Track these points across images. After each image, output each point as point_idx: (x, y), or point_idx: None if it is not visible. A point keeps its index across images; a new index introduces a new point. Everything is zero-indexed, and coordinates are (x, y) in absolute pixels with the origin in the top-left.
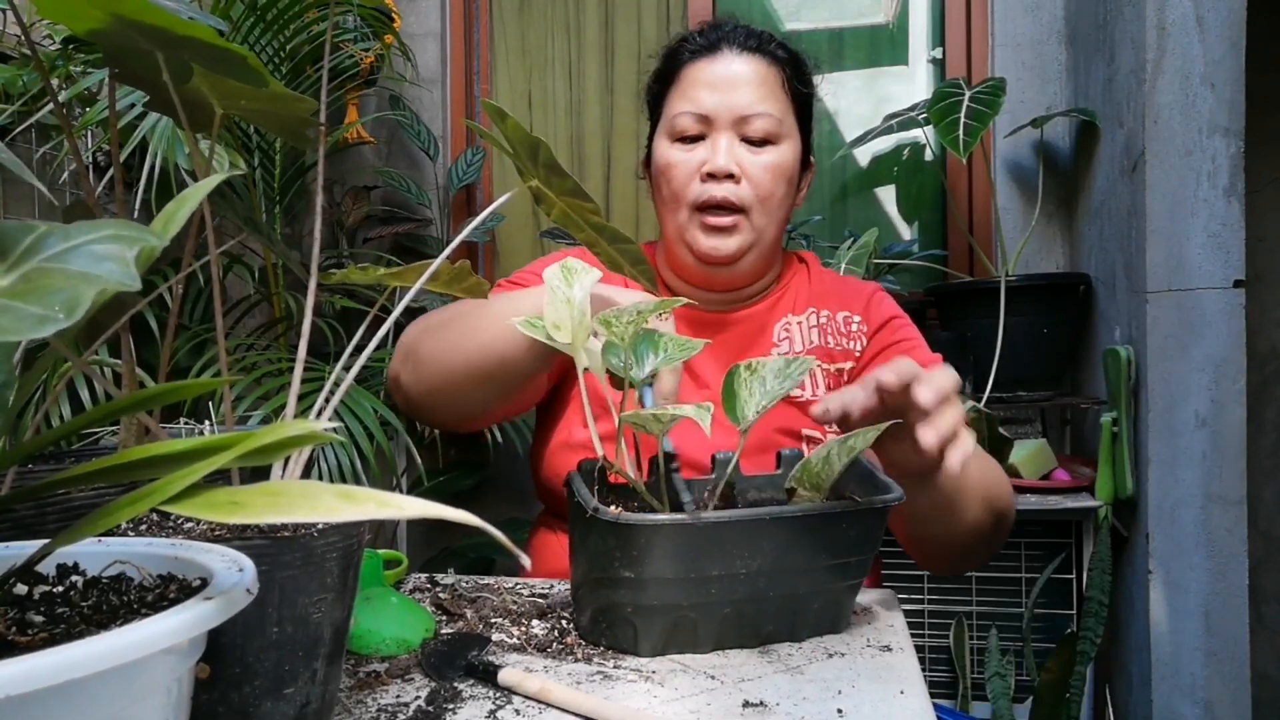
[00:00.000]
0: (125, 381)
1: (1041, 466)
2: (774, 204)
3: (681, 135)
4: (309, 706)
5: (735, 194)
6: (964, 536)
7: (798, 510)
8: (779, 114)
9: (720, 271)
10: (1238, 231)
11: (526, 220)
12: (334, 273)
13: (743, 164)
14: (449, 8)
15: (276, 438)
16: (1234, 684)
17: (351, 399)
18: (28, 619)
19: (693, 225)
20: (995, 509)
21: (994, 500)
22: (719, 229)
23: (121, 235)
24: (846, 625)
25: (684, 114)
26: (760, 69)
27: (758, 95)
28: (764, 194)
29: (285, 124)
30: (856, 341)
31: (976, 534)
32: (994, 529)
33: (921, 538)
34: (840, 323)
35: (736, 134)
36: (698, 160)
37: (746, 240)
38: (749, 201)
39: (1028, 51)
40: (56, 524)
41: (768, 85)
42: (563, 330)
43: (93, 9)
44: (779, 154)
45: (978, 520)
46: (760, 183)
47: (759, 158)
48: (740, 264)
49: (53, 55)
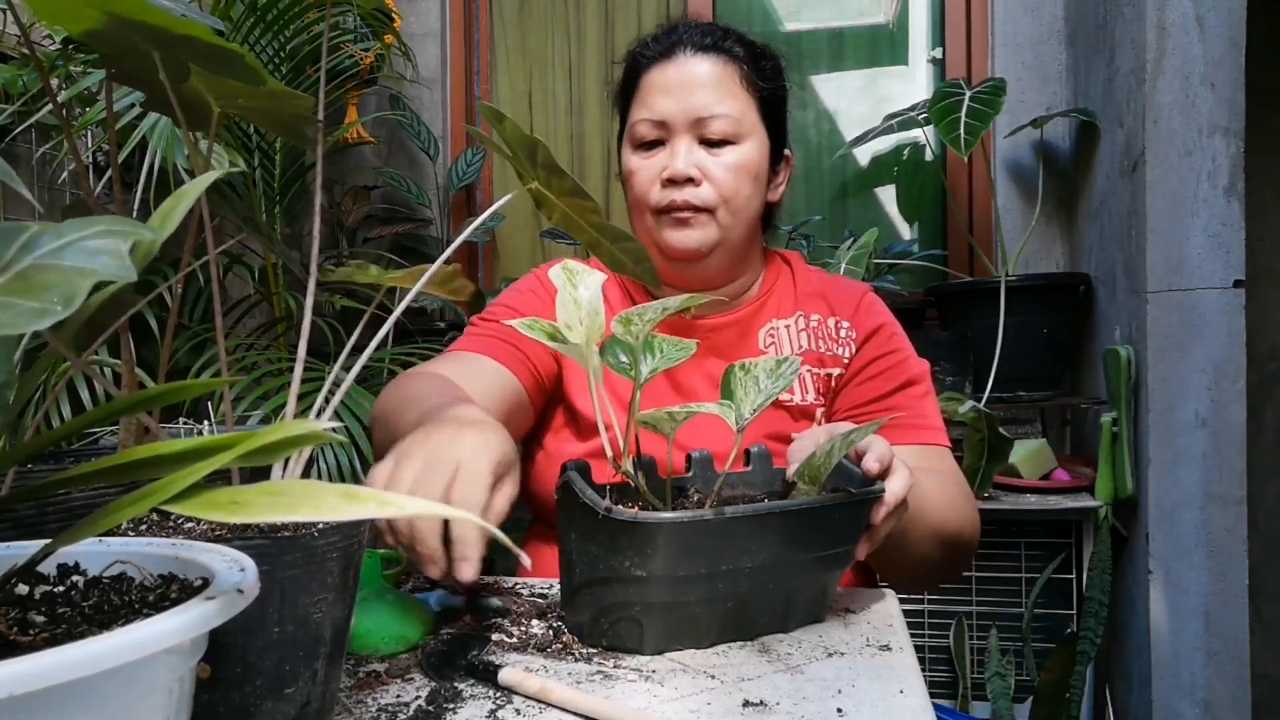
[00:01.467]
0: (125, 381)
1: (1041, 466)
2: (739, 203)
3: (641, 142)
4: (309, 706)
5: (697, 196)
6: (912, 571)
7: (804, 504)
8: (737, 113)
9: (689, 269)
10: (1238, 231)
11: (527, 221)
12: (331, 269)
13: (703, 166)
14: (449, 8)
15: (277, 438)
16: (1234, 684)
17: (351, 399)
18: (29, 619)
19: (659, 226)
20: (944, 539)
21: (943, 531)
22: (682, 221)
23: (115, 230)
24: (826, 615)
25: (642, 121)
26: (716, 69)
27: (714, 96)
28: (727, 194)
29: (284, 122)
30: (846, 348)
31: (925, 566)
32: (945, 561)
33: (875, 563)
34: (831, 328)
35: (695, 136)
36: (658, 166)
37: (712, 236)
38: (712, 202)
39: (1028, 51)
40: (57, 524)
41: (724, 85)
42: (574, 330)
43: (88, 9)
44: (740, 153)
45: (926, 555)
46: (722, 183)
47: (720, 158)
48: (709, 260)
49: (52, 55)
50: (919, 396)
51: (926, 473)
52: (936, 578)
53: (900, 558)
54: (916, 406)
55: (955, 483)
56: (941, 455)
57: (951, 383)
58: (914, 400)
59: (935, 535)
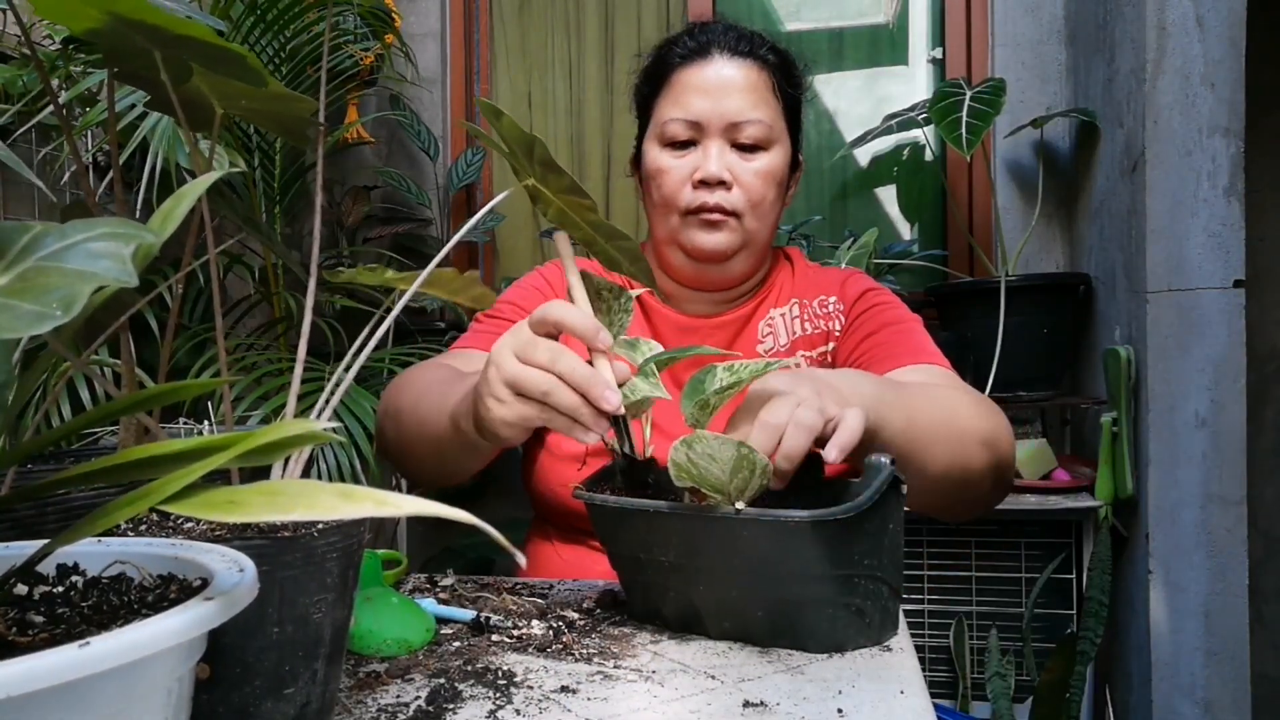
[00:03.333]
0: (125, 381)
1: (1041, 466)
2: (765, 208)
3: (672, 141)
4: (309, 706)
5: (727, 200)
6: (939, 483)
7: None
8: (769, 119)
9: (712, 269)
10: (1238, 231)
11: (526, 220)
12: (341, 270)
13: (734, 170)
14: (449, 8)
15: (276, 437)
16: (1234, 684)
17: (351, 399)
18: (28, 619)
19: (686, 227)
20: (974, 440)
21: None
22: (712, 224)
23: (118, 233)
24: (812, 646)
25: (675, 120)
26: (751, 75)
27: (749, 102)
28: (755, 199)
29: (285, 124)
30: (834, 321)
31: (955, 474)
32: (988, 471)
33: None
34: (815, 306)
35: (727, 140)
36: (689, 166)
37: (737, 240)
38: (741, 207)
39: (1028, 51)
40: (56, 524)
41: (759, 91)
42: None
43: (90, 8)
44: (769, 160)
45: (949, 460)
46: (751, 188)
47: (750, 164)
48: (732, 262)
49: (53, 55)
50: (908, 331)
51: (922, 384)
52: (981, 490)
53: (938, 476)
54: (906, 339)
55: (964, 391)
56: (940, 373)
57: None
58: (902, 335)
59: (951, 437)
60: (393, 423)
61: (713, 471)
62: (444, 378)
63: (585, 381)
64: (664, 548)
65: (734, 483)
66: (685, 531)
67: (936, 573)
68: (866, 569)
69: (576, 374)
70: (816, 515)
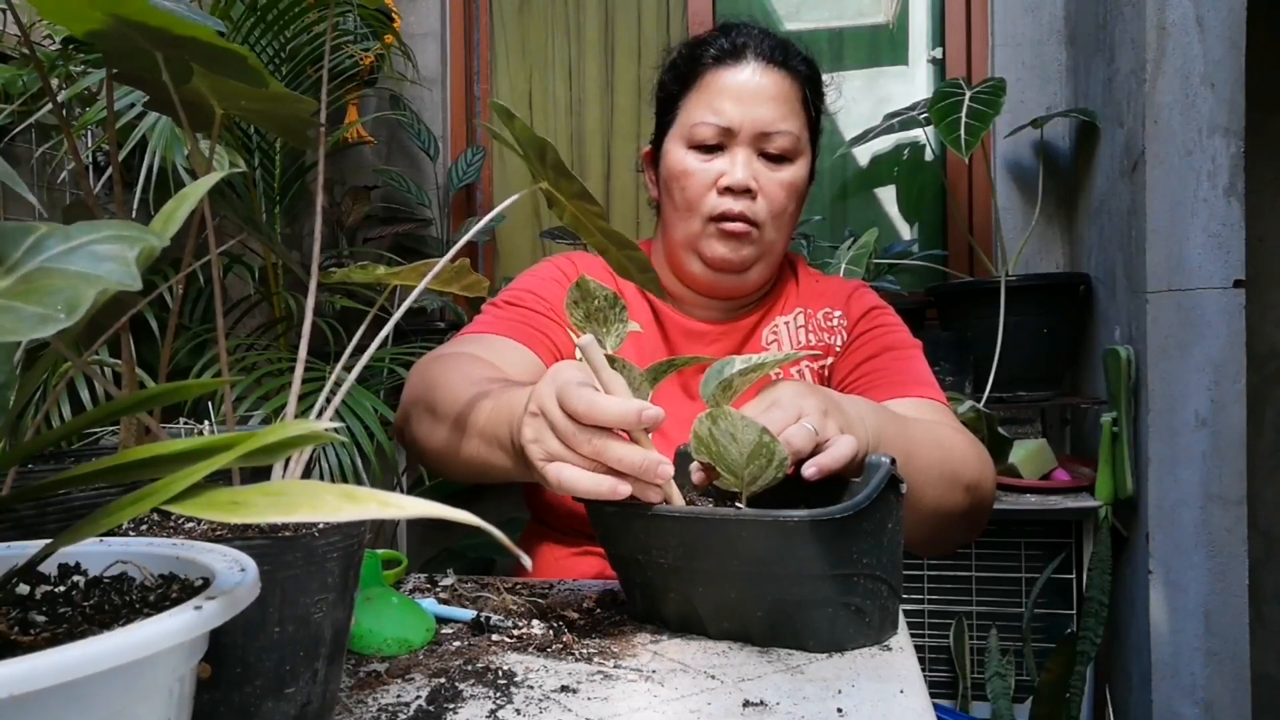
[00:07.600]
0: (125, 381)
1: (1041, 466)
2: (785, 220)
3: (701, 144)
4: (309, 706)
5: (750, 209)
6: (924, 522)
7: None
8: (797, 131)
9: (728, 279)
10: (1238, 231)
11: (527, 220)
12: (334, 271)
13: (760, 180)
14: (449, 8)
15: (278, 438)
16: (1234, 684)
17: (352, 399)
18: (30, 619)
19: (707, 234)
20: (955, 484)
21: (951, 475)
22: (734, 235)
23: (122, 235)
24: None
25: (705, 124)
26: (784, 85)
27: (780, 113)
28: (777, 210)
29: (285, 124)
30: (837, 336)
31: (944, 518)
32: (965, 513)
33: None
34: (820, 318)
35: (755, 149)
36: (716, 171)
37: (757, 251)
38: (763, 217)
39: (1028, 51)
40: (57, 524)
41: (790, 102)
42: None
43: (92, 10)
44: (794, 171)
45: (937, 504)
46: (775, 199)
47: (776, 174)
48: (749, 273)
49: (52, 55)
50: (909, 358)
51: (922, 421)
52: (958, 531)
53: (924, 516)
54: (906, 366)
55: (958, 431)
56: (936, 408)
57: (951, 383)
58: (903, 361)
59: (942, 479)
60: (426, 424)
61: (731, 452)
62: (467, 395)
63: (639, 470)
64: (663, 549)
65: (749, 469)
66: (685, 533)
67: (936, 573)
68: (866, 568)
69: (627, 462)
70: (815, 515)
